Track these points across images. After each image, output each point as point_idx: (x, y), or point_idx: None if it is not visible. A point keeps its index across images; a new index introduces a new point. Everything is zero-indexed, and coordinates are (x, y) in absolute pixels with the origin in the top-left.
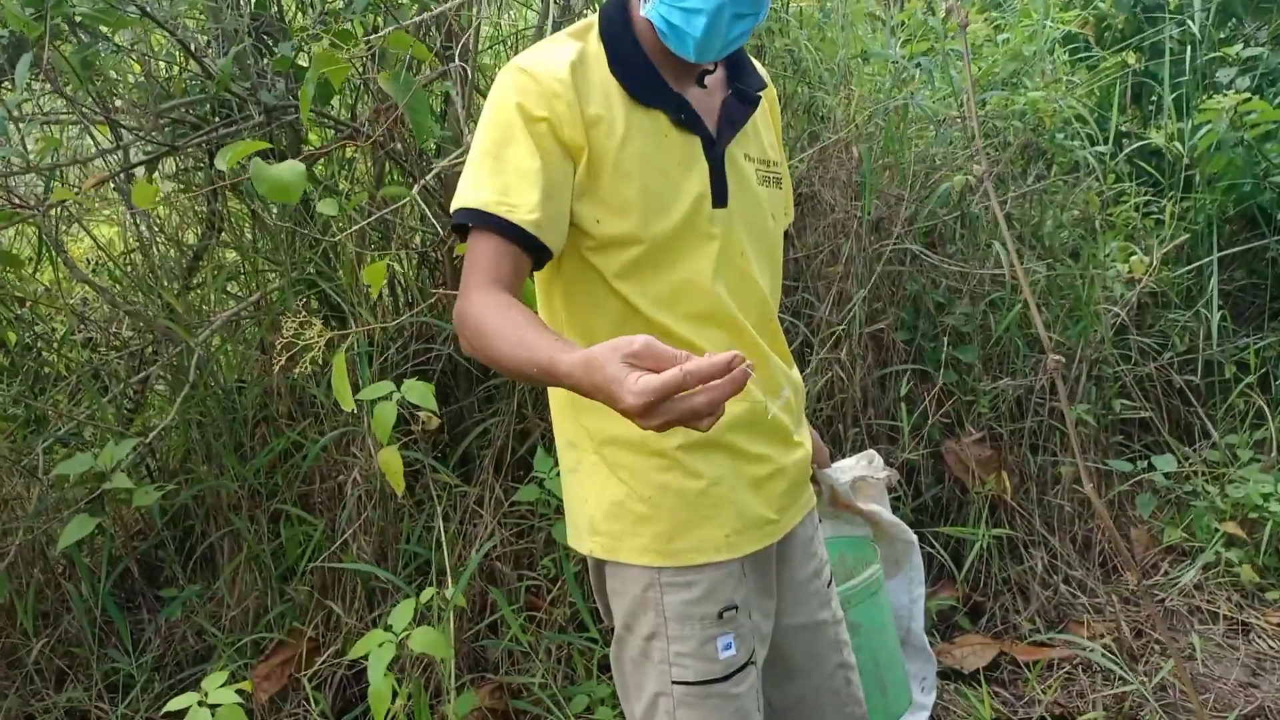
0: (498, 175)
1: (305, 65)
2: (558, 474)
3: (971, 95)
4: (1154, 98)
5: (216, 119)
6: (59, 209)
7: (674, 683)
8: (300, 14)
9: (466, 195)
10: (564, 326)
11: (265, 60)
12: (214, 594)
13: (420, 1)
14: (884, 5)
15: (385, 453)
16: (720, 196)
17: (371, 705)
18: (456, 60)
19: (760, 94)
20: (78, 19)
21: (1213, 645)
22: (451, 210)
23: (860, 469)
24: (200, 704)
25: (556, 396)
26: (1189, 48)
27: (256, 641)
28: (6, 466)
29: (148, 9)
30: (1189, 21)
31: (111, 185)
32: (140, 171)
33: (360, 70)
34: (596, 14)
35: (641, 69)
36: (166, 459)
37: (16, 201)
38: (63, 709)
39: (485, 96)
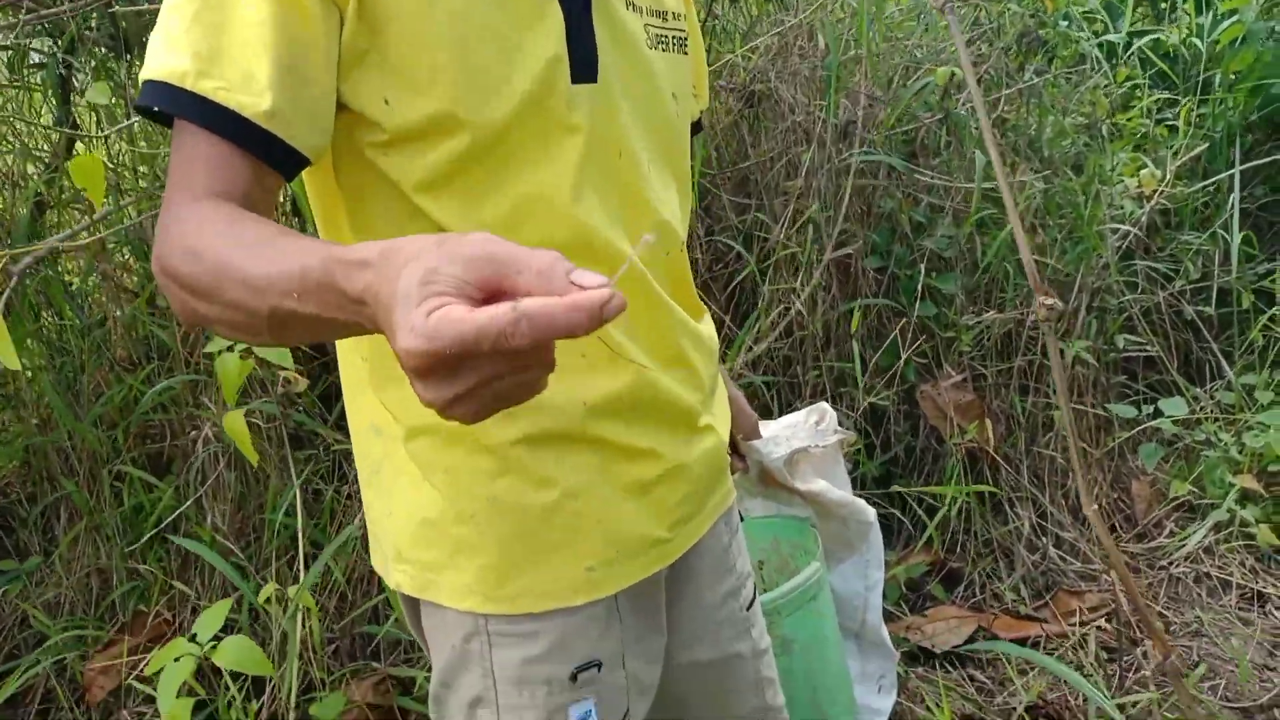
0: (202, 30)
1: None
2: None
3: None
4: None
5: None
6: None
7: None
8: None
9: (156, 60)
10: None
11: None
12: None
13: None
14: None
15: (230, 417)
16: (586, 64)
17: None
18: None
19: None
20: None
21: (1223, 620)
22: (140, 80)
23: (803, 434)
24: None
25: (349, 362)
26: None
27: (103, 623)
28: None
29: None
30: None
31: None
32: None
33: None
34: None
35: None
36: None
37: None
38: None
39: None
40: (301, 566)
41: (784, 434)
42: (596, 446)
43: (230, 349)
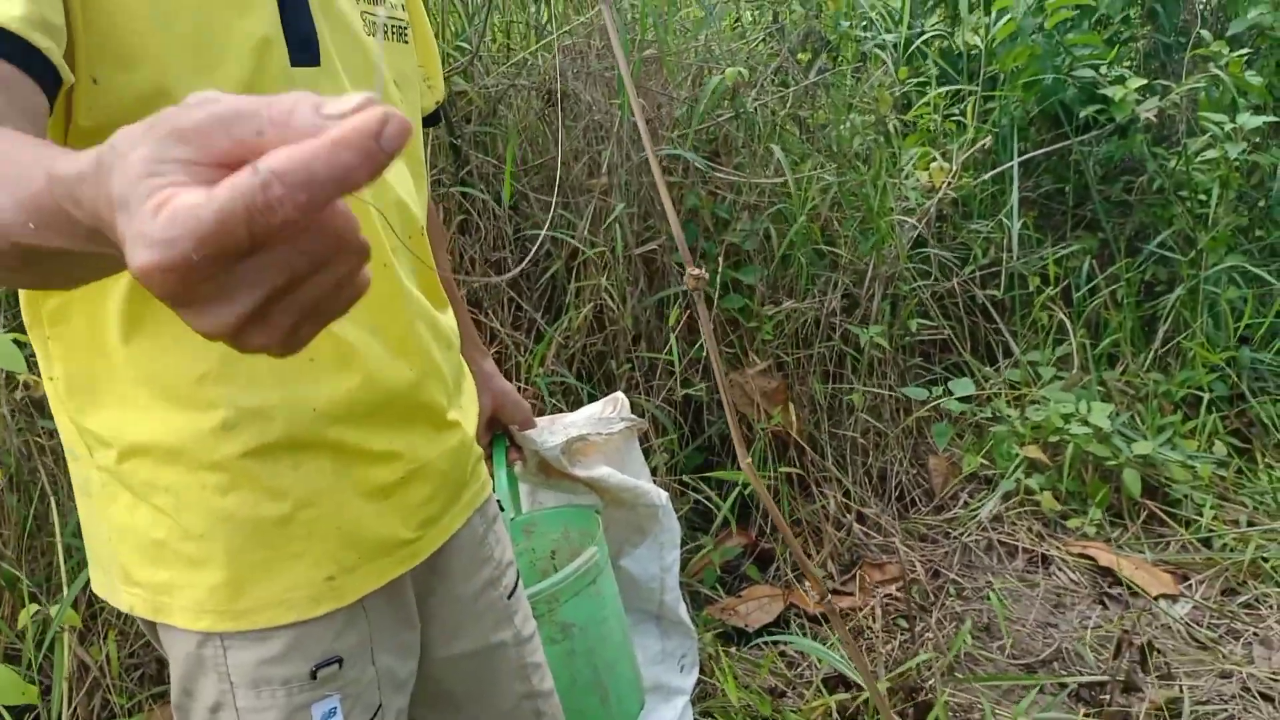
0: None
1: None
2: None
3: None
4: None
5: None
6: None
7: None
8: None
9: None
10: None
11: None
12: None
13: None
14: None
15: None
16: (304, 47)
17: None
18: None
19: None
20: None
21: (1011, 582)
22: None
23: (590, 422)
24: None
25: (45, 379)
26: None
27: None
28: None
29: None
30: None
31: None
32: None
33: None
34: None
35: None
36: None
37: None
38: None
39: None
40: (64, 581)
41: (573, 420)
42: (332, 452)
43: None
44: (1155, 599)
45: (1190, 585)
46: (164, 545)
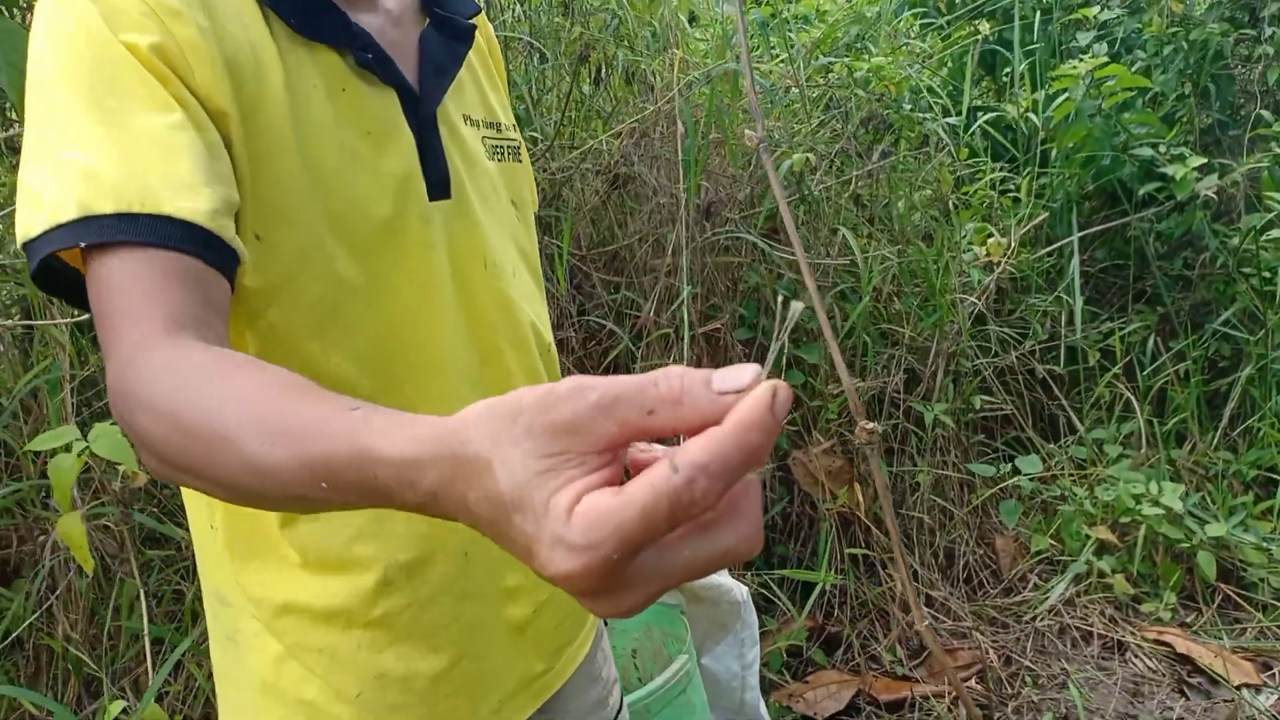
0: (112, 143)
1: None
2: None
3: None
4: (1008, 69)
5: None
6: None
7: None
8: None
9: (58, 200)
10: None
11: None
12: None
13: None
14: None
15: (65, 520)
16: (440, 181)
17: None
18: None
19: (474, 24)
20: None
21: (1088, 669)
22: (24, 236)
23: None
24: None
25: (199, 522)
26: (1041, 14)
27: None
28: None
29: None
30: None
31: None
32: None
33: None
34: None
35: None
36: None
37: None
38: None
39: None
40: (150, 674)
41: None
42: (482, 600)
43: (68, 449)
44: (1237, 689)
45: (1273, 674)
46: (313, 706)
